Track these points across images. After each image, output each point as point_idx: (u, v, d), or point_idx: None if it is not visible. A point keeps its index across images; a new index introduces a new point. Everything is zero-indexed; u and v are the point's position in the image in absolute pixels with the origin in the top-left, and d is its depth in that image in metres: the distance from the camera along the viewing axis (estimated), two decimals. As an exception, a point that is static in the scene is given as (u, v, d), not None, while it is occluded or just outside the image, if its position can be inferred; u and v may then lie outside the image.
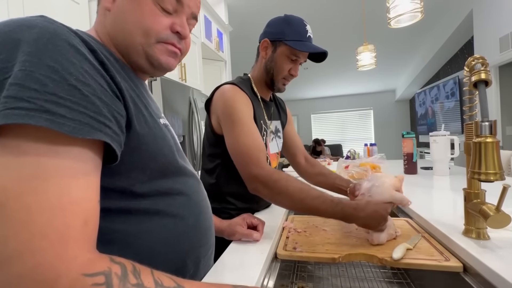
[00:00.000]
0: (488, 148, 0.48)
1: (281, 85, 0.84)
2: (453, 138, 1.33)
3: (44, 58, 0.27)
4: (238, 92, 0.77)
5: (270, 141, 0.88)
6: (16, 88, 0.26)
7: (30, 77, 0.26)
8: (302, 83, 6.19)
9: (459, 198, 0.94)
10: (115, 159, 0.33)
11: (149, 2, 0.40)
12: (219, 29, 2.86)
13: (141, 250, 0.38)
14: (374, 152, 1.92)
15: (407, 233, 0.70)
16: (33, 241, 0.24)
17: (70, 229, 0.27)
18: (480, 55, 0.55)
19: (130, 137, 0.36)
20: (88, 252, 0.28)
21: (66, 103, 0.27)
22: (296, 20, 0.78)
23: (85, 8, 1.64)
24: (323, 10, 3.26)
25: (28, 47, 0.27)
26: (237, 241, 0.65)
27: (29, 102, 0.26)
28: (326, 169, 1.00)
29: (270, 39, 0.80)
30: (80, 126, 0.28)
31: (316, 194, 0.63)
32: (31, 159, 0.26)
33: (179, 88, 2.05)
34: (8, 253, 0.24)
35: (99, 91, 0.31)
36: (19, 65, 0.26)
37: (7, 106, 0.25)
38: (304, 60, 0.82)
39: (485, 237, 0.57)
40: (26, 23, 0.29)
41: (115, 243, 0.31)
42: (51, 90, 0.27)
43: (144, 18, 0.39)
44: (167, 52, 0.42)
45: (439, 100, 4.17)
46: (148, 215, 0.39)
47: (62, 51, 0.29)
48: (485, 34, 2.88)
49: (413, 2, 1.35)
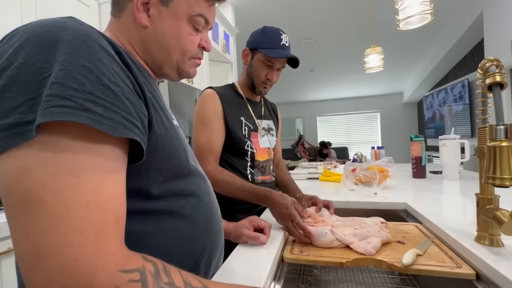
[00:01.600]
0: (504, 153, 0.47)
1: (261, 88, 0.93)
2: (463, 141, 1.30)
3: (80, 58, 0.28)
4: (212, 97, 0.89)
5: (261, 136, 0.98)
6: (58, 86, 0.26)
7: (70, 77, 0.27)
8: (308, 85, 6.17)
9: (469, 203, 0.92)
10: (139, 159, 0.34)
11: (186, 24, 0.43)
12: (225, 32, 2.88)
13: (158, 251, 0.38)
14: (381, 156, 1.89)
15: (416, 238, 0.68)
16: (72, 236, 0.25)
17: (105, 226, 0.27)
18: (493, 57, 0.53)
19: (150, 137, 0.36)
20: (122, 249, 0.29)
21: (102, 102, 0.28)
22: (271, 30, 0.89)
23: (95, 11, 1.67)
24: (330, 12, 3.25)
25: (65, 48, 0.28)
26: (243, 244, 0.64)
27: (71, 100, 0.26)
28: (286, 177, 1.08)
29: (249, 48, 0.92)
30: (115, 125, 0.29)
31: (238, 185, 0.80)
32: (68, 156, 0.27)
33: (185, 89, 2.06)
34: (47, 247, 0.24)
35: (127, 91, 0.32)
36: (59, 65, 0.27)
37: (51, 104, 0.26)
38: (281, 66, 0.92)
39: (499, 244, 0.55)
40: (60, 25, 0.30)
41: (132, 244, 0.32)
42: (88, 90, 0.27)
43: (182, 40, 0.44)
44: (195, 65, 0.48)
45: (447, 103, 4.10)
46: (162, 216, 0.40)
47: (95, 52, 0.30)
48: (496, 36, 2.83)
49: (423, 4, 1.34)
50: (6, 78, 0.27)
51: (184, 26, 0.43)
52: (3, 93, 0.26)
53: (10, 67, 0.27)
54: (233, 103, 0.92)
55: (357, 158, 1.95)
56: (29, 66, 0.27)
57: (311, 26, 3.55)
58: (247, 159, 0.93)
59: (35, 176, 0.25)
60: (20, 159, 0.26)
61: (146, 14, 0.42)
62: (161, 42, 0.43)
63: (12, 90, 0.26)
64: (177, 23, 0.42)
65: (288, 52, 0.89)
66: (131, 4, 0.41)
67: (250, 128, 0.94)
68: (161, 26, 0.42)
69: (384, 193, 1.11)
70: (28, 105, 0.26)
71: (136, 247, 0.35)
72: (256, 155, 0.94)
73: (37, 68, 0.27)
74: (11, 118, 0.26)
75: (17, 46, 0.28)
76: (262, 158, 0.97)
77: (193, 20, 0.44)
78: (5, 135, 0.26)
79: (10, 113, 0.26)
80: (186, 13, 0.43)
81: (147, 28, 0.42)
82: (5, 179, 0.26)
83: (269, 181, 1.00)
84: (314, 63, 4.85)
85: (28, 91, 0.26)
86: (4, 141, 0.26)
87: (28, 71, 0.27)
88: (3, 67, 0.27)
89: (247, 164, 0.93)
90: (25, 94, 0.26)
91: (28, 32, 0.29)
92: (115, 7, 0.44)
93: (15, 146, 0.26)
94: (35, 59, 0.27)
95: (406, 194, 1.09)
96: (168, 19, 0.42)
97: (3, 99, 0.26)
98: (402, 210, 0.96)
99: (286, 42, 0.88)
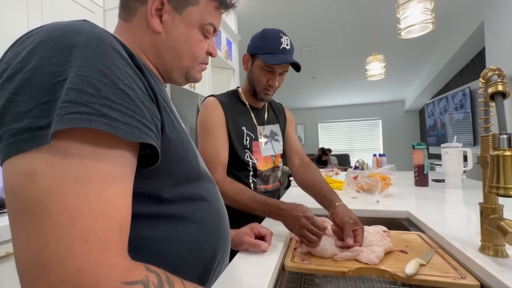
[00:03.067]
0: (507, 162, 0.47)
1: (263, 95, 0.90)
2: (465, 150, 1.29)
3: (95, 62, 0.28)
4: (214, 106, 0.87)
5: (263, 145, 0.94)
6: (75, 93, 0.26)
7: (86, 82, 0.27)
8: (310, 92, 6.20)
9: (473, 212, 0.91)
10: (151, 163, 0.34)
11: (197, 31, 0.44)
12: (228, 38, 2.91)
13: (168, 258, 0.38)
14: (383, 163, 1.89)
15: (419, 247, 0.67)
16: (74, 246, 0.24)
17: (109, 235, 0.26)
18: (495, 66, 0.54)
19: (162, 140, 0.36)
20: (125, 259, 0.28)
21: (118, 107, 0.28)
22: (271, 33, 0.84)
23: (100, 17, 1.69)
24: (332, 20, 3.29)
25: (80, 52, 0.28)
26: (244, 251, 0.64)
27: (88, 106, 0.26)
28: (317, 176, 0.92)
29: (249, 53, 0.89)
30: (131, 130, 0.28)
31: (249, 195, 0.75)
32: (75, 162, 0.26)
33: (187, 95, 2.08)
34: (49, 257, 0.24)
35: (141, 95, 0.32)
36: (75, 70, 0.27)
37: (69, 110, 0.25)
38: (283, 70, 0.87)
39: (503, 254, 0.54)
40: (75, 28, 0.29)
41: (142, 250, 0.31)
42: (104, 95, 0.27)
43: (194, 47, 0.45)
44: (201, 70, 0.49)
45: (448, 111, 4.11)
46: (173, 220, 0.39)
47: (109, 55, 0.30)
48: (497, 45, 2.84)
49: (424, 13, 1.35)
50: (19, 81, 0.26)
51: (196, 33, 0.44)
52: (15, 96, 0.26)
53: (23, 70, 0.27)
54: (235, 112, 0.90)
55: (359, 165, 1.94)
56: (43, 69, 0.26)
57: (313, 34, 3.59)
58: (249, 169, 0.91)
59: (40, 181, 0.25)
60: (26, 163, 0.25)
61: (159, 20, 0.42)
62: (173, 48, 0.43)
63: (24, 93, 0.26)
64: (189, 30, 0.43)
65: (288, 56, 0.84)
66: (143, 9, 0.41)
67: (252, 137, 0.92)
68: (174, 33, 0.43)
69: (386, 201, 1.10)
70: (40, 110, 0.25)
71: (147, 253, 0.35)
72: (257, 165, 0.92)
73: (51, 72, 0.26)
74: (23, 122, 0.25)
75: (30, 48, 0.27)
76: (264, 167, 0.94)
77: (203, 28, 0.45)
78: (16, 140, 0.25)
79: (22, 117, 0.25)
80: (198, 21, 0.44)
81: (160, 33, 0.42)
82: (10, 183, 0.26)
83: (271, 189, 0.97)
84: (316, 70, 4.88)
85: (40, 95, 0.26)
86: (15, 145, 0.25)
87: (41, 74, 0.26)
88: (16, 69, 0.27)
89: (249, 174, 0.91)
90: (38, 98, 0.26)
91: (42, 35, 0.29)
92: (125, 11, 0.44)
93: (24, 151, 0.25)
94: (49, 63, 0.27)
95: (408, 202, 1.08)
96: (181, 26, 0.43)
97: (15, 102, 0.26)
98: (405, 218, 0.95)
99: (287, 45, 0.83)
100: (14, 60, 0.27)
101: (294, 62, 0.83)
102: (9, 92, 0.26)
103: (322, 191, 0.84)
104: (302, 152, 1.05)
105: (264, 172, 0.94)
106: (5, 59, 0.29)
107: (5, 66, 0.28)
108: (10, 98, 0.26)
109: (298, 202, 0.70)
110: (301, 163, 1.01)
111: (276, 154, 0.99)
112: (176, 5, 0.42)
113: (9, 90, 0.26)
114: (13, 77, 0.27)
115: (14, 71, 0.27)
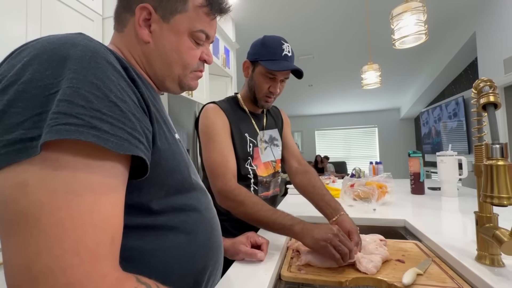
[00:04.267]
0: (500, 171, 0.47)
1: (263, 102, 0.88)
2: (460, 158, 1.31)
3: (88, 75, 0.28)
4: (217, 112, 0.84)
5: (263, 151, 0.93)
6: (66, 104, 0.26)
7: (77, 94, 0.27)
8: (307, 100, 6.25)
9: (469, 220, 0.91)
10: (141, 174, 0.33)
11: (186, 39, 0.44)
12: (226, 47, 2.95)
13: (158, 269, 0.37)
14: (379, 171, 1.89)
15: (416, 257, 0.67)
16: (65, 258, 0.24)
17: (100, 247, 0.26)
18: (486, 77, 0.55)
19: (153, 152, 0.36)
20: (116, 271, 0.28)
21: (108, 119, 0.28)
22: (272, 40, 0.83)
23: (99, 25, 1.71)
24: (328, 30, 3.35)
25: (74, 65, 0.28)
26: (240, 260, 0.63)
27: (78, 118, 0.26)
28: (318, 182, 0.92)
29: (249, 60, 0.87)
30: (121, 142, 0.28)
31: (269, 207, 0.69)
32: (67, 173, 0.26)
33: (185, 102, 2.08)
34: (38, 270, 0.23)
35: (133, 107, 0.32)
36: (67, 82, 0.27)
37: (58, 121, 0.25)
38: (285, 77, 0.86)
39: (500, 264, 0.54)
40: (69, 41, 0.30)
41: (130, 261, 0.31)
42: (95, 107, 0.27)
43: (183, 54, 0.44)
44: (196, 77, 0.49)
45: (442, 120, 4.17)
46: (163, 231, 0.39)
47: (103, 68, 0.30)
48: (489, 56, 2.91)
49: (418, 25, 1.38)
50: (13, 93, 0.26)
51: (185, 41, 0.44)
52: (9, 108, 0.26)
53: (17, 82, 0.27)
54: (237, 118, 0.88)
55: (355, 173, 1.94)
56: (37, 82, 0.27)
57: (310, 43, 3.65)
58: (249, 176, 0.89)
59: (32, 193, 0.25)
60: (18, 175, 0.25)
61: (147, 30, 0.42)
62: (163, 57, 0.43)
63: (17, 105, 0.26)
64: (178, 38, 0.43)
65: (290, 63, 0.83)
66: (133, 20, 0.42)
67: (254, 143, 0.91)
68: (163, 42, 0.43)
69: (383, 210, 1.10)
70: (32, 121, 0.26)
71: (136, 264, 0.34)
72: (257, 171, 0.91)
73: (44, 84, 0.27)
74: (15, 133, 0.25)
75: (25, 61, 0.28)
76: (265, 173, 0.93)
77: (194, 35, 0.44)
78: (7, 151, 0.25)
79: (14, 129, 0.25)
80: (187, 28, 0.44)
81: (149, 43, 0.43)
82: (2, 195, 0.25)
83: (271, 195, 0.96)
84: (313, 78, 4.94)
85: (33, 107, 0.26)
86: (6, 156, 0.25)
87: (35, 86, 0.27)
88: (10, 82, 0.27)
89: (251, 182, 0.89)
90: (31, 109, 0.26)
91: (37, 48, 0.29)
92: (117, 22, 0.45)
93: (16, 163, 0.25)
94: (43, 75, 0.27)
95: (405, 210, 1.08)
96: (169, 34, 0.43)
97: (8, 114, 0.26)
98: (401, 227, 0.95)
99: (289, 52, 0.83)
100: (9, 73, 0.28)
101: (296, 69, 0.82)
102: (2, 104, 0.26)
103: (325, 198, 0.85)
104: (300, 155, 1.04)
105: (264, 178, 0.93)
106: (0, 71, 0.29)
107: (0, 78, 0.28)
108: (3, 110, 0.26)
109: (295, 210, 0.70)
110: (299, 166, 1.00)
111: (276, 159, 0.98)
112: (163, 14, 0.42)
113: (3, 102, 0.26)
114: (7, 89, 0.27)
115: (8, 83, 0.27)
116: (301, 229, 0.63)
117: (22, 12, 1.27)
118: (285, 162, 1.04)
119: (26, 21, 1.28)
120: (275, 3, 2.81)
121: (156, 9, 0.41)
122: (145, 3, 0.41)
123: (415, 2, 1.38)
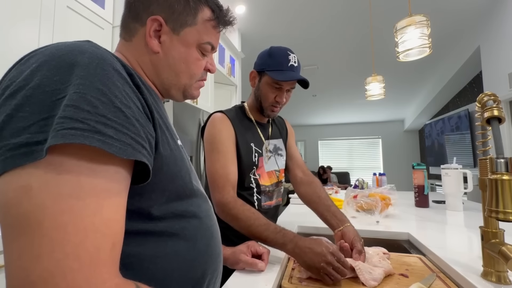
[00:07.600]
0: (505, 186, 0.47)
1: (269, 112, 0.90)
2: (465, 171, 1.29)
3: (94, 81, 0.29)
4: (223, 122, 0.85)
5: (267, 160, 0.93)
6: (72, 109, 0.26)
7: (84, 99, 0.27)
8: (310, 109, 6.27)
9: (475, 235, 0.89)
10: (143, 180, 0.34)
11: (194, 50, 0.46)
12: (232, 56, 3.00)
13: (156, 276, 0.37)
14: (383, 182, 1.87)
15: (420, 271, 0.66)
16: (66, 262, 0.24)
17: (100, 252, 0.26)
18: (491, 91, 0.55)
19: (155, 157, 0.36)
20: (116, 277, 0.28)
21: (113, 125, 0.28)
22: (279, 51, 0.85)
23: (109, 34, 1.75)
24: (333, 41, 3.40)
25: (81, 71, 0.29)
26: (240, 270, 0.62)
27: (83, 123, 0.26)
28: (323, 192, 0.93)
29: (256, 70, 0.89)
30: (124, 147, 0.29)
31: (262, 222, 0.69)
32: (71, 177, 0.26)
33: (190, 109, 2.11)
34: (38, 274, 0.23)
35: (137, 113, 0.32)
36: (74, 88, 0.27)
37: (64, 126, 0.26)
38: (291, 87, 0.87)
39: (506, 281, 0.53)
40: (77, 48, 0.31)
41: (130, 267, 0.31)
42: (101, 112, 0.28)
43: (191, 65, 0.46)
44: (199, 87, 0.50)
45: (444, 133, 4.15)
46: (163, 237, 0.39)
47: (109, 75, 0.31)
48: (493, 70, 2.91)
49: (421, 38, 1.40)
50: (21, 98, 0.27)
51: (193, 52, 0.45)
52: (16, 112, 0.27)
53: (25, 88, 0.27)
54: (244, 128, 0.89)
55: (359, 184, 1.93)
56: (44, 87, 0.27)
57: (314, 54, 3.70)
58: (252, 186, 0.89)
59: (35, 197, 0.25)
60: (22, 178, 0.25)
61: (157, 40, 0.44)
62: (171, 67, 0.45)
63: (25, 110, 0.26)
64: (187, 49, 0.45)
65: (296, 73, 0.84)
66: (142, 30, 0.44)
67: (260, 153, 0.91)
68: (172, 52, 0.44)
69: (387, 222, 1.08)
70: (39, 125, 0.26)
71: (135, 271, 0.34)
72: (260, 180, 0.91)
73: (52, 90, 0.27)
74: (21, 137, 0.26)
75: (34, 67, 0.29)
76: (268, 182, 0.93)
77: (201, 47, 0.46)
78: (13, 154, 0.26)
79: (21, 133, 0.26)
80: (195, 41, 0.45)
81: (158, 53, 0.44)
82: (5, 198, 0.25)
83: (274, 205, 0.96)
84: (317, 89, 4.98)
85: (40, 111, 0.26)
86: (11, 160, 0.26)
87: (43, 92, 0.27)
88: (18, 87, 0.28)
89: (253, 191, 0.89)
90: (38, 114, 0.26)
91: (46, 55, 0.30)
92: (125, 31, 0.46)
93: (20, 166, 0.25)
94: (51, 81, 0.28)
95: (409, 223, 1.07)
96: (179, 46, 0.44)
97: (15, 118, 0.26)
98: (405, 240, 0.94)
99: (295, 63, 0.84)
100: (17, 78, 0.28)
101: (302, 79, 0.83)
102: (10, 108, 0.27)
103: (331, 209, 0.86)
104: (304, 165, 1.05)
105: (267, 187, 0.93)
106: (9, 76, 0.30)
107: (8, 83, 0.29)
108: (11, 114, 0.27)
109: (298, 220, 0.69)
110: (304, 176, 1.01)
111: (279, 169, 0.98)
112: (174, 26, 0.43)
113: (10, 106, 0.27)
114: (16, 94, 0.27)
115: (17, 88, 0.28)
116: (292, 249, 0.63)
117: (35, 20, 1.31)
118: (289, 172, 1.04)
119: (39, 28, 1.32)
120: (281, 15, 2.87)
121: (167, 21, 0.43)
122: (156, 15, 0.42)
123: (419, 16, 1.40)
